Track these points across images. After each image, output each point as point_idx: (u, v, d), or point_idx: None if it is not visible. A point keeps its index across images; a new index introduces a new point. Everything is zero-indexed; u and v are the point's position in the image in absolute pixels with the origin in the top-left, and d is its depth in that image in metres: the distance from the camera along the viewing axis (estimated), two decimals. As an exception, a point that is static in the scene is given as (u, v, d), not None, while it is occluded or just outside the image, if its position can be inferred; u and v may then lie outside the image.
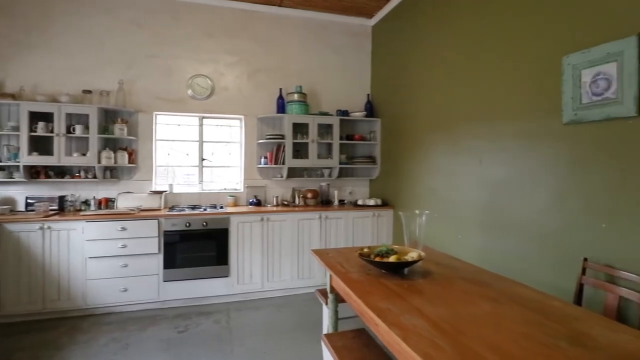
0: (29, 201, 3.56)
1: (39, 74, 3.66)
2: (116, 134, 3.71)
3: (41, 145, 3.52)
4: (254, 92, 4.33)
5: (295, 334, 2.98)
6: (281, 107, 4.25)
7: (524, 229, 2.40)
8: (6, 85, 3.59)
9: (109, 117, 3.83)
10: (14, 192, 3.61)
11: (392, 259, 1.81)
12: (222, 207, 3.93)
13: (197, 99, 4.12)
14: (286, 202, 4.24)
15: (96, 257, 3.29)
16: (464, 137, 2.99)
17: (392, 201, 4.22)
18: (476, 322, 1.30)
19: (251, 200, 4.13)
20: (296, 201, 4.25)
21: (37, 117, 3.46)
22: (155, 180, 4.05)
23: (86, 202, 3.72)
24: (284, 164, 4.12)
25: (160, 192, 3.85)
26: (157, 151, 4.08)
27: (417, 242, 2.06)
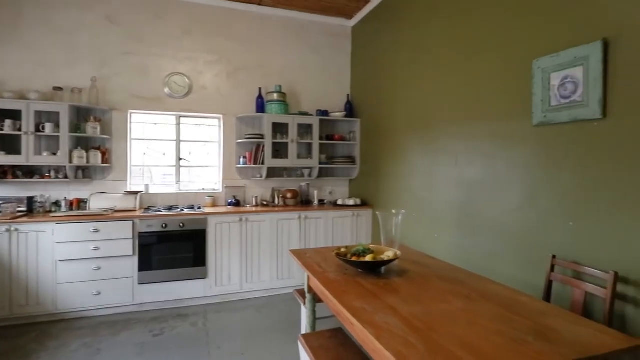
0: (-6, 202, 3.41)
1: (6, 69, 3.51)
2: (89, 133, 3.60)
3: (8, 144, 3.38)
4: (233, 91, 4.28)
5: (274, 335, 2.96)
6: (261, 107, 4.21)
7: (497, 227, 2.47)
8: (-30, 80, 3.43)
9: (82, 115, 3.71)
10: (-21, 193, 3.45)
11: (368, 258, 1.83)
12: (199, 208, 3.86)
13: (175, 97, 4.04)
14: (266, 203, 4.21)
15: (67, 260, 3.17)
16: (441, 137, 3.04)
17: (372, 201, 4.25)
18: (448, 319, 1.32)
19: (230, 200, 4.08)
20: (276, 201, 4.23)
21: (3, 114, 3.32)
22: (130, 180, 3.94)
23: (57, 203, 3.58)
24: (263, 164, 4.09)
25: (135, 193, 3.76)
26: (132, 151, 3.98)
27: (394, 241, 2.08)
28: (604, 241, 1.82)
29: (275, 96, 4.16)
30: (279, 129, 4.19)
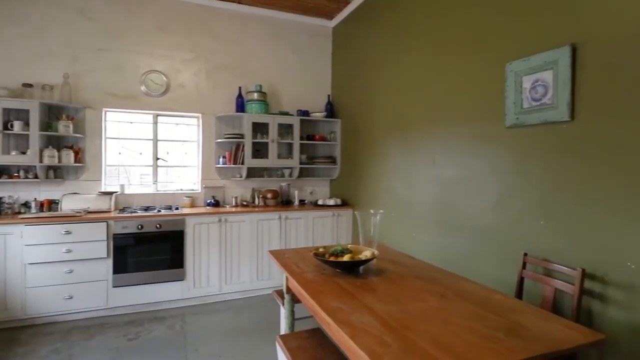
0: (-42, 203, 3.25)
1: (-30, 64, 3.36)
2: (61, 132, 3.47)
3: (-27, 142, 3.23)
4: (213, 90, 4.22)
5: (252, 337, 2.93)
6: (240, 106, 4.17)
7: (473, 226, 2.52)
8: None
9: (53, 113, 3.58)
10: (-59, 194, 3.28)
11: (346, 258, 1.83)
12: (177, 209, 3.79)
13: (151, 95, 3.95)
14: (245, 203, 4.17)
15: (37, 264, 3.05)
16: (419, 138, 3.08)
17: (352, 201, 4.27)
18: (423, 317, 1.34)
19: (209, 200, 4.02)
20: (256, 201, 4.19)
21: (-32, 111, 3.17)
22: (104, 180, 3.83)
23: (26, 204, 3.44)
24: (243, 163, 4.04)
25: (110, 193, 3.65)
26: (106, 150, 3.87)
27: (372, 241, 2.10)
28: (573, 239, 1.89)
29: (255, 95, 4.13)
30: (259, 128, 4.16)
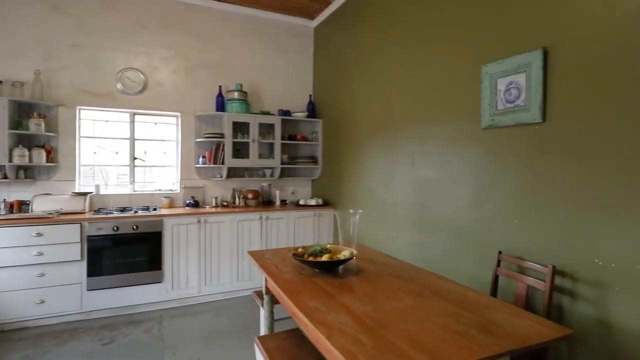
0: None
1: None
2: (32, 130, 3.34)
3: (-64, 140, 3.08)
4: (192, 89, 4.15)
5: (232, 338, 2.90)
6: (221, 105, 4.12)
7: (451, 225, 2.56)
8: None
9: (23, 110, 3.45)
10: None
11: (325, 258, 1.83)
12: (155, 209, 3.71)
13: (128, 93, 3.85)
14: (226, 203, 4.13)
15: (5, 267, 2.93)
16: (399, 138, 3.11)
17: (334, 201, 4.28)
18: (399, 316, 1.35)
19: (188, 201, 3.95)
20: (236, 202, 4.15)
21: None
22: (79, 180, 3.71)
23: (-6, 206, 3.31)
24: (223, 163, 4.00)
25: (84, 194, 3.54)
26: (81, 149, 3.75)
27: (352, 241, 2.11)
28: (545, 237, 1.94)
29: (236, 95, 4.09)
30: (240, 128, 4.12)
